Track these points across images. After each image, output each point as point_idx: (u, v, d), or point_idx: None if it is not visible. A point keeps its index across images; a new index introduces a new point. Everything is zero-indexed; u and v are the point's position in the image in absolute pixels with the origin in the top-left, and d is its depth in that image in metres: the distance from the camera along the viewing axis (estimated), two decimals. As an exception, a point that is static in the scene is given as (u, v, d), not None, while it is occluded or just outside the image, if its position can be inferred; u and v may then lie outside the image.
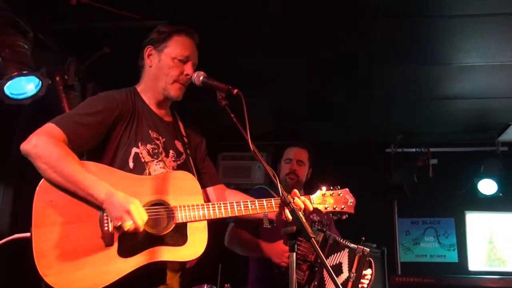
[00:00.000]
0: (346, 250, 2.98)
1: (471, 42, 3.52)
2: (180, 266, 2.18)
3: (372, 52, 3.70)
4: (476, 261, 5.85)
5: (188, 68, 2.29)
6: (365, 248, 3.00)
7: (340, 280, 2.91)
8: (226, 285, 3.75)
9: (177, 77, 2.28)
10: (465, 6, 3.08)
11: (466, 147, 5.96)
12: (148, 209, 1.99)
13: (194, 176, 2.26)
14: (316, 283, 2.86)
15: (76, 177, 1.91)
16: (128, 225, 1.89)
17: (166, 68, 2.27)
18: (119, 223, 1.88)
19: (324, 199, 2.44)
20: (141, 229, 1.92)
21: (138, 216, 1.90)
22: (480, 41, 3.50)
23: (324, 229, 2.95)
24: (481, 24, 3.28)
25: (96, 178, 1.93)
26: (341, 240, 3.00)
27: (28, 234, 1.87)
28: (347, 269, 2.96)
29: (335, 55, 3.82)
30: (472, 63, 3.85)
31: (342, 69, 4.08)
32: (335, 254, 2.99)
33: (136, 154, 2.16)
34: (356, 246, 2.99)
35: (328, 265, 2.88)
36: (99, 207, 1.93)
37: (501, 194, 5.62)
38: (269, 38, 3.55)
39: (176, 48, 2.29)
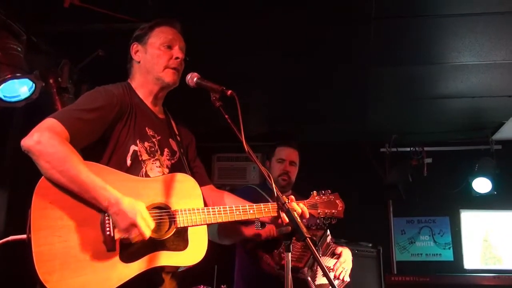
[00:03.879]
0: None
1: (464, 41, 3.53)
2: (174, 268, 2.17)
3: (365, 52, 3.71)
4: (471, 259, 5.88)
5: (176, 52, 2.28)
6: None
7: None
8: (222, 286, 3.75)
9: (167, 62, 2.26)
10: (458, 6, 3.09)
11: (460, 146, 5.99)
12: (150, 212, 1.97)
13: (189, 175, 2.25)
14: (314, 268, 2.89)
15: (82, 179, 1.85)
16: (135, 239, 1.89)
17: (154, 57, 2.26)
18: (126, 236, 1.87)
19: (316, 204, 2.49)
20: (148, 237, 1.91)
21: (145, 228, 1.88)
22: (473, 40, 3.51)
23: (325, 227, 2.98)
24: (473, 24, 3.29)
25: (102, 181, 1.88)
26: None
27: (24, 236, 1.81)
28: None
29: (329, 56, 3.82)
30: (465, 62, 3.86)
31: (336, 70, 4.09)
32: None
33: (135, 152, 2.13)
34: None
35: (323, 263, 2.93)
36: (101, 210, 1.89)
37: (495, 193, 5.64)
38: (264, 38, 3.55)
39: (159, 36, 2.29)
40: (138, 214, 1.87)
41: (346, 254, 3.13)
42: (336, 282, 3.02)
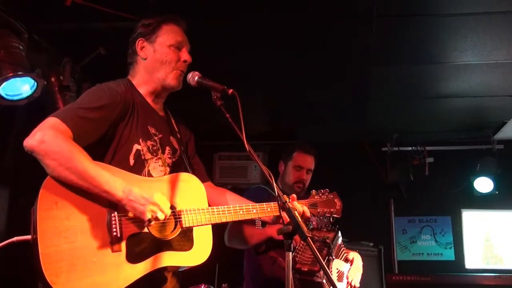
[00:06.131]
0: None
1: (466, 40, 3.52)
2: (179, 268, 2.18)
3: (367, 51, 3.70)
4: (473, 259, 5.87)
5: (184, 55, 2.29)
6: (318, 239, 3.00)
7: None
8: (223, 285, 3.74)
9: (175, 63, 2.26)
10: (460, 5, 3.09)
11: (462, 146, 5.98)
12: None
13: (190, 173, 2.26)
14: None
15: (91, 174, 1.84)
16: (161, 217, 1.91)
17: (163, 57, 2.25)
18: (150, 216, 1.88)
19: (316, 203, 2.53)
20: (169, 214, 1.96)
21: (164, 205, 1.93)
22: (475, 39, 3.50)
23: (336, 228, 3.00)
24: (475, 23, 3.28)
25: (111, 175, 1.88)
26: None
27: (28, 237, 1.80)
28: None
29: (331, 55, 3.81)
30: (467, 61, 3.85)
31: (337, 69, 4.08)
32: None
33: (138, 151, 2.13)
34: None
35: (336, 265, 2.95)
36: (108, 209, 1.90)
37: (497, 192, 5.64)
38: (265, 37, 3.55)
39: (169, 36, 2.27)
40: (154, 193, 1.91)
41: (358, 260, 3.16)
42: (343, 286, 3.03)
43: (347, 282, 3.04)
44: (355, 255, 3.17)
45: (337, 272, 2.98)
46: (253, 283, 3.33)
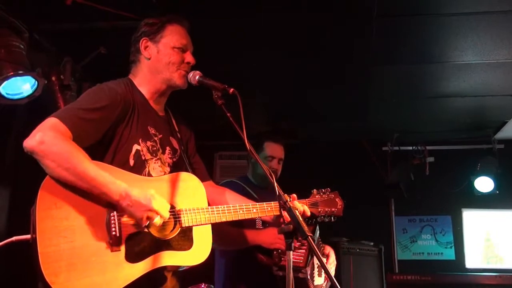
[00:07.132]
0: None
1: (466, 40, 3.52)
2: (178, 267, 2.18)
3: (367, 51, 3.70)
4: (473, 259, 5.88)
5: (188, 56, 2.29)
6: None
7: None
8: (223, 284, 3.73)
9: (179, 65, 2.26)
10: (460, 5, 3.09)
11: (463, 145, 5.99)
12: None
13: (191, 173, 2.26)
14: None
15: (90, 175, 1.83)
16: (158, 222, 1.91)
17: (167, 57, 2.24)
18: (148, 223, 1.89)
19: (317, 202, 2.52)
20: (167, 218, 1.96)
21: (162, 210, 1.92)
22: (475, 39, 3.50)
23: (314, 222, 2.98)
24: (476, 22, 3.28)
25: (110, 176, 1.88)
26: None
27: (28, 236, 1.80)
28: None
29: (331, 54, 3.81)
30: (467, 61, 3.85)
31: (337, 69, 4.08)
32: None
33: (137, 151, 2.13)
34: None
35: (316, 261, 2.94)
36: (107, 209, 1.89)
37: (497, 192, 5.64)
38: (266, 37, 3.55)
39: (173, 37, 2.27)
40: (152, 199, 1.90)
41: (333, 254, 3.17)
42: (321, 281, 3.03)
43: (325, 276, 3.05)
44: (330, 249, 3.17)
45: (317, 267, 2.98)
46: (231, 281, 3.25)
